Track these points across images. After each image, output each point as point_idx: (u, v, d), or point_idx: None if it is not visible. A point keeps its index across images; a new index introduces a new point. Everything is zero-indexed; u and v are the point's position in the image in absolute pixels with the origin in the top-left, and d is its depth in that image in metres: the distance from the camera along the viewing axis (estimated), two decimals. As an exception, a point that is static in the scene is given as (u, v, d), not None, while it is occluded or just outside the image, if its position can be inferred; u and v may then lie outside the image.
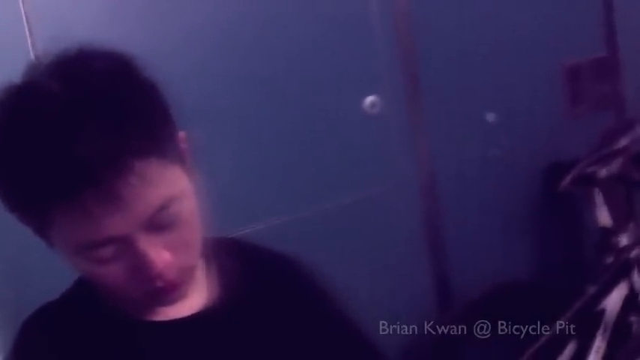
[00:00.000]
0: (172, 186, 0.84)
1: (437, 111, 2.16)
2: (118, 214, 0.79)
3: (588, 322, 2.10)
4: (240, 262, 1.04)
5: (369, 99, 2.04)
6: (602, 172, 2.28)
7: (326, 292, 1.12)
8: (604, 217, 2.32)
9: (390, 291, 2.01)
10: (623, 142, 2.30)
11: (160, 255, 0.83)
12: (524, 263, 2.42)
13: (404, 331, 2.02)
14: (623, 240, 2.28)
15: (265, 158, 1.87)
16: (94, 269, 0.84)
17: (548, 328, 2.03)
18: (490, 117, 2.26)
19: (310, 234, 1.88)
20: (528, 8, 2.32)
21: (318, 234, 1.91)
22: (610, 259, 2.27)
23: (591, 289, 2.16)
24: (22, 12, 1.50)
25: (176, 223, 0.84)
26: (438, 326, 2.08)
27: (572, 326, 2.05)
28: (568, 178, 2.27)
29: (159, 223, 0.83)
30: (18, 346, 0.92)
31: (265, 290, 1.05)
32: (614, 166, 2.28)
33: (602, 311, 2.13)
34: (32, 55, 1.43)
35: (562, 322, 2.04)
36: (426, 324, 2.09)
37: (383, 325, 1.86)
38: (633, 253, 2.25)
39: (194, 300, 0.96)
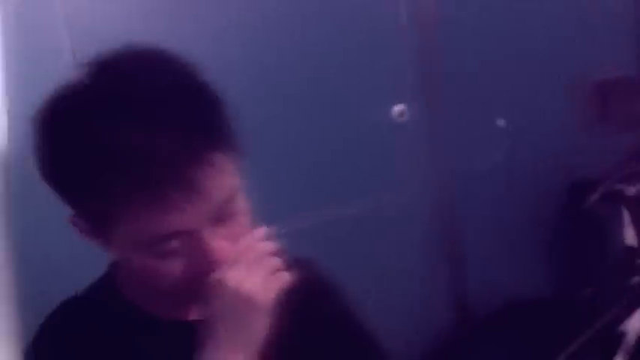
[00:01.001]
0: (234, 179, 0.86)
1: (461, 122, 2.16)
2: (192, 204, 0.81)
3: (608, 343, 2.08)
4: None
5: (397, 107, 2.04)
6: (631, 190, 2.26)
7: (342, 299, 1.13)
8: (630, 236, 2.29)
9: (406, 300, 2.01)
10: (653, 161, 2.27)
11: (222, 248, 0.85)
12: (543, 279, 2.40)
13: (419, 343, 2.02)
14: (649, 260, 2.26)
15: (293, 163, 1.88)
16: (155, 263, 0.85)
17: (567, 347, 2.01)
18: (500, 122, 2.24)
19: (333, 239, 1.88)
20: (557, 23, 2.30)
21: (341, 239, 1.91)
22: (634, 280, 2.25)
23: (613, 310, 2.13)
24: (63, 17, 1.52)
25: (235, 217, 0.87)
26: (454, 339, 2.08)
27: (592, 346, 2.03)
28: (596, 195, 2.25)
29: (222, 216, 0.85)
30: (38, 342, 0.93)
31: (284, 295, 1.05)
32: (643, 184, 2.26)
33: (623, 333, 2.11)
34: (72, 58, 1.44)
35: (582, 342, 2.02)
36: (441, 336, 2.09)
37: (398, 335, 1.86)
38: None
39: None
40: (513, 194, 2.29)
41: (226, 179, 0.84)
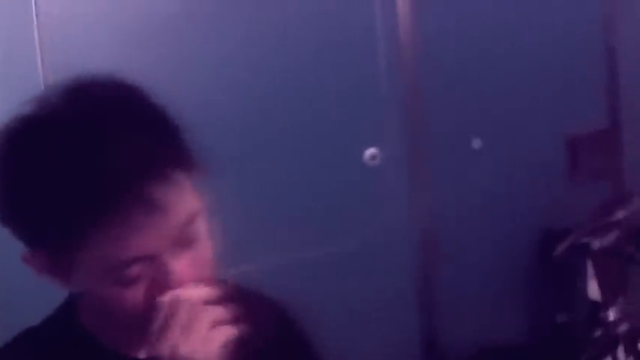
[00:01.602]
0: (194, 201, 0.84)
1: (438, 166, 2.17)
2: (155, 224, 0.79)
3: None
4: (230, 302, 1.02)
5: (370, 151, 2.04)
6: (596, 244, 2.28)
7: (310, 344, 1.11)
8: (593, 289, 2.31)
9: (377, 343, 1.99)
10: (620, 215, 2.29)
11: (183, 273, 0.83)
12: (515, 326, 2.40)
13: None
14: (611, 314, 2.27)
15: (263, 203, 1.87)
16: (116, 291, 0.82)
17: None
18: (476, 143, 2.25)
19: (302, 280, 1.86)
20: (532, 78, 2.34)
21: (311, 280, 1.90)
22: (597, 333, 2.25)
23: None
24: (36, 39, 1.51)
25: (196, 241, 0.85)
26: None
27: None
28: (562, 247, 2.26)
29: (184, 239, 0.83)
30: None
31: (254, 334, 1.03)
32: (609, 238, 2.28)
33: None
34: (43, 82, 1.43)
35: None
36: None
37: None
38: (620, 329, 2.23)
39: None
40: (487, 241, 2.29)
41: (186, 200, 0.83)
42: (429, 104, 2.14)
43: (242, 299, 1.07)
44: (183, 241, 0.83)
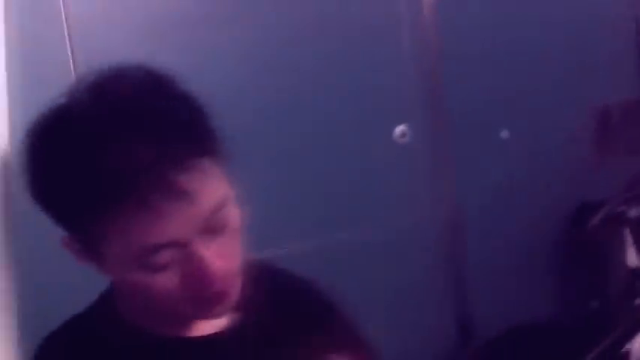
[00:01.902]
0: (224, 188, 0.86)
1: (464, 143, 2.16)
2: (181, 211, 0.80)
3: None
4: (265, 284, 1.04)
5: (399, 128, 2.04)
6: (632, 212, 2.26)
7: (346, 321, 1.12)
8: (632, 257, 2.29)
9: (410, 326, 1.99)
10: (655, 183, 2.27)
11: (213, 259, 0.84)
12: (547, 303, 2.39)
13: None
14: (652, 282, 2.25)
15: (292, 184, 1.87)
16: (148, 277, 0.84)
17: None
18: (504, 134, 2.24)
19: (332, 263, 1.87)
20: (560, 48, 2.31)
21: (341, 263, 1.90)
22: (637, 301, 2.23)
23: (616, 331, 2.12)
24: (65, 32, 1.53)
25: (226, 229, 0.86)
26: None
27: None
28: (597, 218, 2.24)
29: (213, 226, 0.84)
30: None
31: (288, 314, 1.05)
32: (645, 206, 2.26)
33: (627, 354, 2.09)
34: (73, 75, 1.45)
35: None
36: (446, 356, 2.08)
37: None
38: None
39: (221, 319, 0.97)
40: (518, 217, 2.28)
41: (215, 187, 0.84)
42: (454, 81, 2.13)
43: (277, 279, 1.09)
44: (213, 228, 0.85)
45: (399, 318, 1.96)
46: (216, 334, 0.97)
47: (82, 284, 0.95)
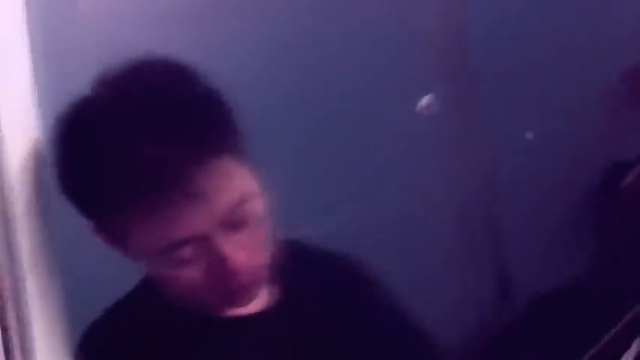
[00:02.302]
0: (245, 183, 0.86)
1: (492, 111, 2.14)
2: (199, 210, 0.81)
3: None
4: (300, 263, 1.05)
5: (425, 99, 2.03)
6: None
7: (384, 293, 1.13)
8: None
9: (449, 290, 2.00)
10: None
11: (236, 253, 0.85)
12: (585, 264, 2.38)
13: (463, 331, 2.00)
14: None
15: (318, 159, 1.87)
16: (171, 271, 0.86)
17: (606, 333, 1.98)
18: (529, 135, 2.23)
19: (365, 235, 1.87)
20: (589, 6, 2.27)
21: (374, 235, 1.90)
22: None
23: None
24: (88, 27, 1.54)
25: (250, 222, 0.87)
26: (496, 326, 2.07)
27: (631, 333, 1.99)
28: (631, 177, 2.22)
29: (235, 221, 0.85)
30: (87, 348, 0.94)
31: (326, 291, 1.06)
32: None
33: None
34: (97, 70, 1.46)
35: (621, 328, 1.99)
36: (483, 326, 2.08)
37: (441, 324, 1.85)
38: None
39: (260, 298, 0.98)
40: (550, 179, 2.26)
41: (235, 184, 0.84)
42: (479, 48, 2.11)
43: (312, 257, 1.10)
44: (235, 223, 0.85)
45: (437, 286, 1.96)
46: (258, 312, 0.98)
47: (120, 272, 0.97)
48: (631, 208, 2.39)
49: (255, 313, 0.97)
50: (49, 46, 1.33)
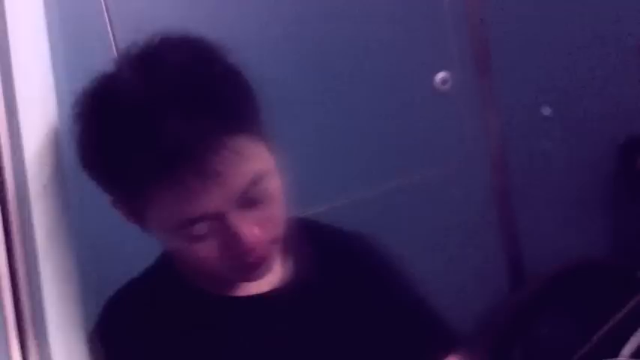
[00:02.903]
0: (261, 162, 0.87)
1: (507, 86, 2.12)
2: (213, 189, 0.82)
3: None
4: (314, 241, 1.06)
5: (441, 75, 2.02)
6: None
7: (397, 270, 1.13)
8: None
9: (461, 269, 2.00)
10: None
11: (251, 230, 0.86)
12: (598, 241, 2.37)
13: (475, 309, 2.01)
14: None
15: (335, 136, 1.87)
16: (187, 246, 0.87)
17: (622, 308, 1.99)
18: (546, 111, 2.21)
19: (380, 212, 1.88)
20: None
21: (388, 212, 1.91)
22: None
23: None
24: (103, 4, 1.54)
25: (265, 199, 0.88)
26: (509, 304, 2.07)
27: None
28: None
29: (249, 199, 0.86)
30: (103, 324, 0.96)
31: (339, 269, 1.06)
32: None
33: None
34: (114, 48, 1.46)
35: (637, 300, 2.00)
36: (497, 301, 2.08)
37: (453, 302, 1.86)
38: None
39: (271, 277, 0.99)
40: (564, 156, 2.25)
41: (251, 164, 0.85)
42: (495, 24, 2.09)
43: (325, 235, 1.11)
44: (250, 201, 0.86)
45: (450, 261, 1.97)
46: (272, 290, 0.99)
47: (140, 246, 0.98)
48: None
49: (269, 292, 0.99)
50: (67, 24, 1.34)
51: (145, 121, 0.81)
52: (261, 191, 0.86)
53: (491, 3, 2.08)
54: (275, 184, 0.89)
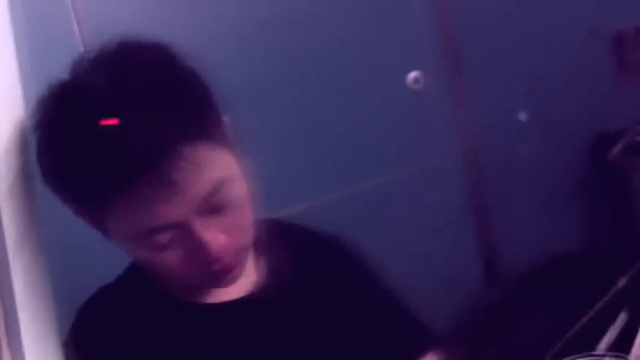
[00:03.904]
0: (222, 169, 0.85)
1: (479, 85, 2.13)
2: (172, 199, 0.81)
3: (637, 297, 2.07)
4: (287, 243, 1.05)
5: (413, 74, 2.02)
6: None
7: (372, 271, 1.13)
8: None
9: (435, 268, 2.00)
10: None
11: (215, 238, 0.85)
12: (572, 237, 2.39)
13: (451, 308, 2.01)
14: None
15: (307, 136, 1.87)
16: (151, 256, 0.86)
17: (597, 303, 2.00)
18: (522, 116, 2.22)
19: (353, 212, 1.88)
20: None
21: (361, 212, 1.91)
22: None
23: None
24: (70, 6, 1.52)
25: (229, 206, 0.86)
26: (484, 302, 2.08)
27: (619, 300, 2.01)
28: (617, 148, 2.22)
29: (212, 207, 0.85)
30: (77, 331, 0.94)
31: (313, 271, 1.06)
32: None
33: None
34: (81, 50, 1.44)
35: (610, 296, 2.01)
36: (473, 299, 2.09)
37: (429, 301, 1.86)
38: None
39: (244, 282, 0.98)
40: (537, 151, 2.26)
41: (209, 172, 0.83)
42: (466, 23, 2.10)
43: (297, 236, 1.10)
44: (213, 208, 0.84)
45: (424, 261, 1.97)
46: (245, 296, 0.98)
47: (112, 250, 0.96)
48: (617, 178, 2.40)
49: (242, 297, 0.98)
50: (33, 24, 1.32)
51: (100, 132, 0.79)
52: (225, 198, 0.85)
53: (461, 2, 2.08)
54: (240, 190, 0.87)
